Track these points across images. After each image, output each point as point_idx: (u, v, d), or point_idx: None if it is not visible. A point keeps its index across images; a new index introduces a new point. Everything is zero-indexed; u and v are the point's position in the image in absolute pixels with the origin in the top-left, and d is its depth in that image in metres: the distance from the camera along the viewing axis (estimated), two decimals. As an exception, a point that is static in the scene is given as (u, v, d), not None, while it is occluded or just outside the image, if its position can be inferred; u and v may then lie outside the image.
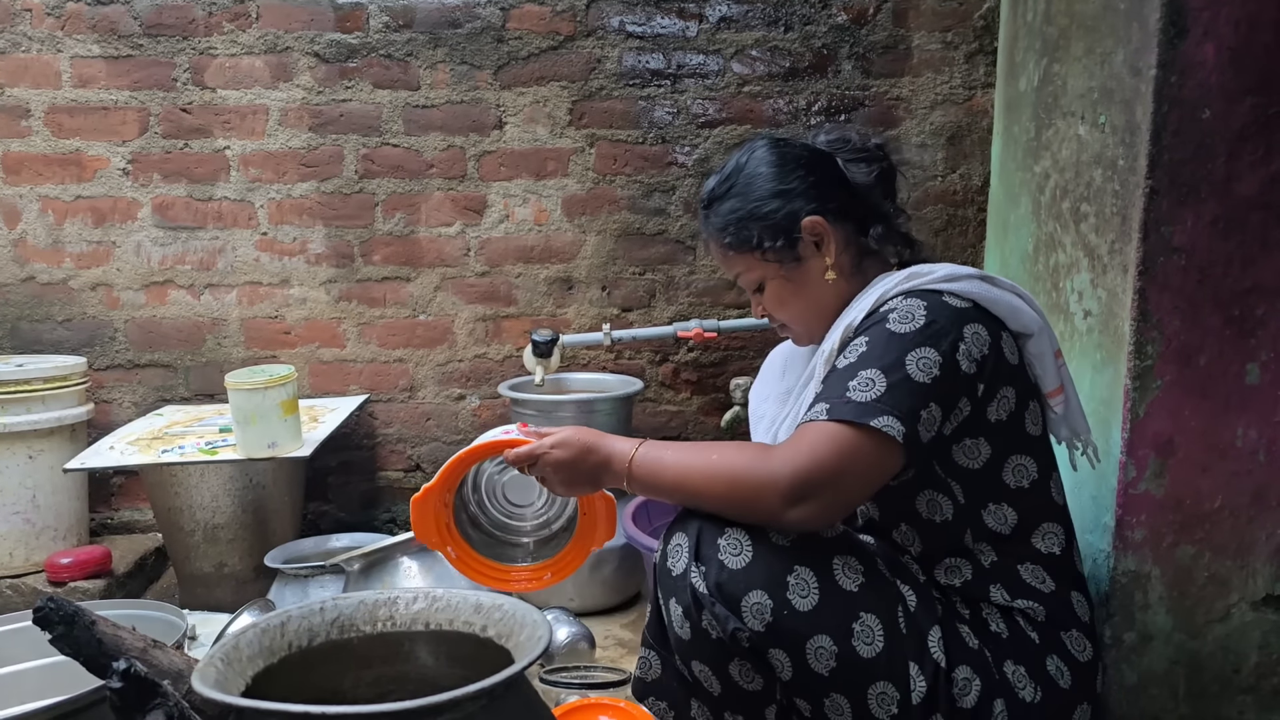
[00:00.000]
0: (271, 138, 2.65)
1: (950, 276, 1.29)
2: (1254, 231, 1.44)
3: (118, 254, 2.68)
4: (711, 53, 2.65)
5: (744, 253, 1.42)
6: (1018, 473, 1.30)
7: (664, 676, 1.34)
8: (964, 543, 1.31)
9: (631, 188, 2.70)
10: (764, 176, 1.41)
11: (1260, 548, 1.53)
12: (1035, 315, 1.33)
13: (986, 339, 1.26)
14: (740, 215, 1.41)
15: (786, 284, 1.42)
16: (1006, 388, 1.28)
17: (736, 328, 2.52)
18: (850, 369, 1.24)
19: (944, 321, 1.24)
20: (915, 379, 1.20)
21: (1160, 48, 1.42)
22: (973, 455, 1.29)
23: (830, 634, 1.19)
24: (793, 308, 1.44)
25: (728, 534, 1.23)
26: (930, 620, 1.24)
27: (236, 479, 2.30)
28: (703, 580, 1.22)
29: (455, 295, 2.74)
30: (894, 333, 1.24)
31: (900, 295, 1.29)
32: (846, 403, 1.20)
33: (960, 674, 1.22)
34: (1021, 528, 1.31)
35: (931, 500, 1.31)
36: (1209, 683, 1.57)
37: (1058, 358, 1.36)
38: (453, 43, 2.62)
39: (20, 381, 2.33)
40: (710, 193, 1.46)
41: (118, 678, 1.00)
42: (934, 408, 1.21)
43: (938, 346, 1.22)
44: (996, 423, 1.28)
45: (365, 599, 1.24)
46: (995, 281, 1.32)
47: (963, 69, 2.66)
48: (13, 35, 2.58)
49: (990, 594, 1.30)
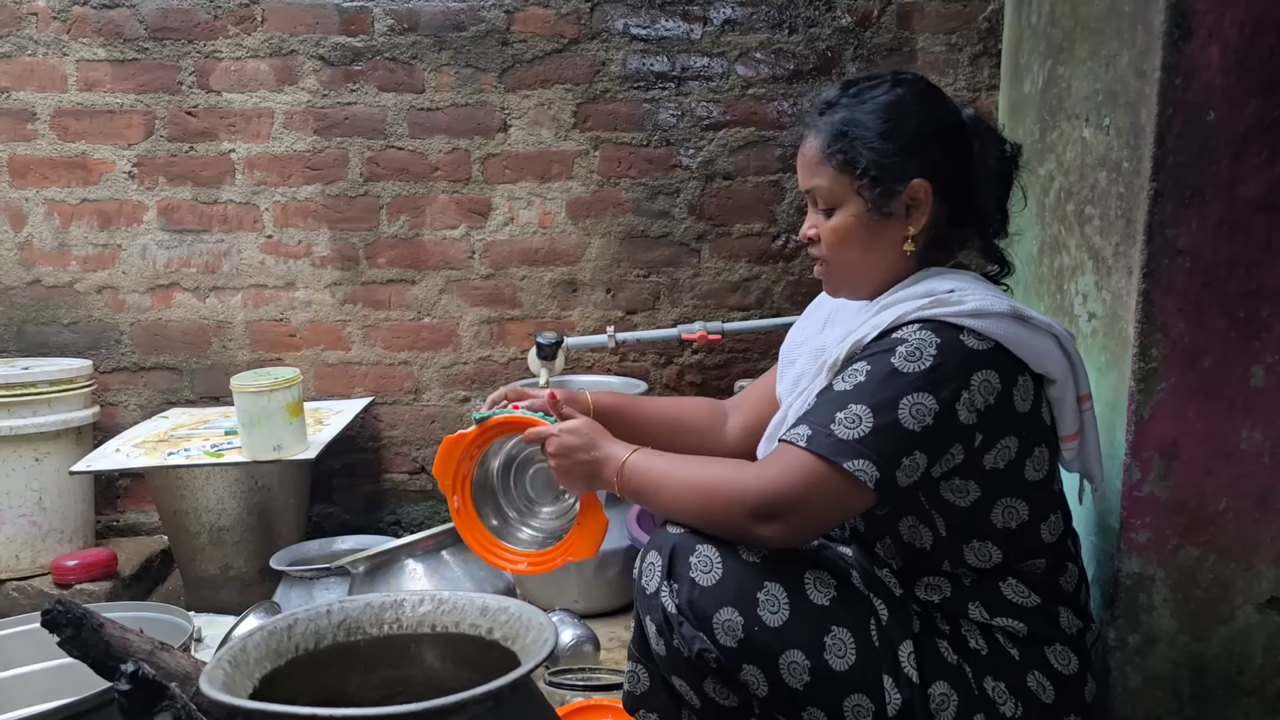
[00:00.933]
0: (277, 141, 2.66)
1: (979, 312, 1.21)
2: (1259, 234, 1.44)
3: (123, 257, 2.69)
4: (716, 55, 2.66)
5: (841, 172, 1.31)
6: (1007, 515, 1.27)
7: (653, 688, 1.33)
8: (943, 568, 1.31)
9: (636, 190, 2.70)
10: (905, 115, 1.31)
11: (1265, 550, 1.53)
12: (1063, 361, 1.27)
13: (996, 388, 1.21)
14: (862, 135, 1.29)
15: (858, 227, 1.32)
16: (1009, 437, 1.24)
17: (740, 330, 2.52)
18: (843, 397, 1.20)
19: (951, 366, 1.19)
20: (904, 425, 1.17)
21: (1165, 50, 1.42)
22: (960, 494, 1.26)
23: (802, 648, 1.19)
24: (848, 252, 1.34)
25: (699, 551, 1.22)
26: (903, 634, 1.23)
27: (242, 481, 2.30)
28: (673, 598, 1.22)
29: (460, 298, 2.74)
30: (896, 370, 1.19)
31: (918, 323, 1.22)
32: (828, 435, 1.18)
33: (937, 689, 1.22)
34: (1005, 563, 1.29)
35: (913, 528, 1.30)
36: (1213, 685, 1.56)
37: (1083, 402, 1.32)
38: (457, 45, 2.63)
39: (26, 384, 2.34)
40: (841, 94, 1.35)
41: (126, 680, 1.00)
42: (919, 455, 1.18)
43: (937, 394, 1.18)
44: (992, 470, 1.25)
45: (372, 601, 1.25)
46: (1030, 321, 1.25)
47: (967, 71, 2.66)
48: (18, 39, 2.59)
49: (969, 611, 1.28)
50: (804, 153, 1.36)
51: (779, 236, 2.72)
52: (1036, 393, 1.27)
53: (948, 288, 1.28)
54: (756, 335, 2.69)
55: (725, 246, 2.72)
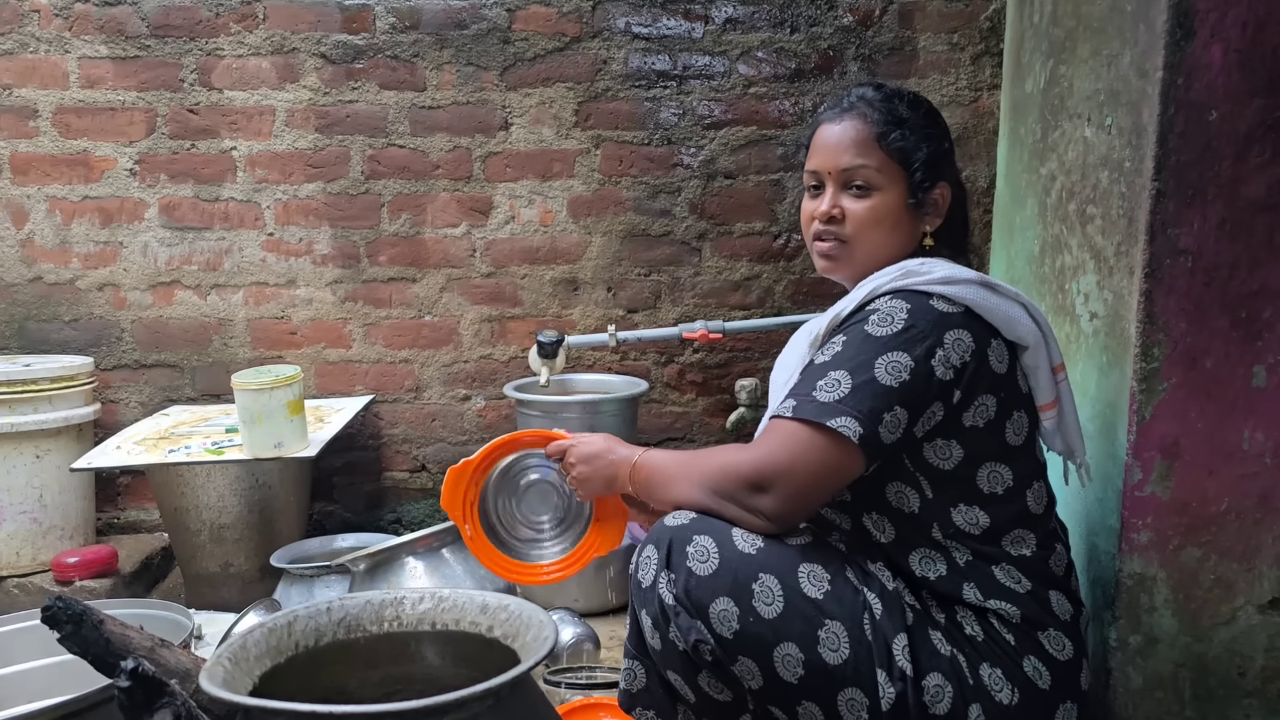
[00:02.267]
0: (278, 138, 2.66)
1: (947, 279, 1.29)
2: (1261, 234, 1.44)
3: (125, 254, 2.69)
4: (717, 54, 2.65)
5: (892, 159, 1.39)
6: (992, 479, 1.31)
7: (649, 685, 1.34)
8: (933, 536, 1.32)
9: (637, 189, 2.70)
10: (941, 127, 1.45)
11: (1266, 551, 1.52)
12: (1034, 328, 1.33)
13: (970, 345, 1.26)
14: (915, 131, 1.39)
15: (893, 213, 1.40)
16: (987, 395, 1.28)
17: (741, 329, 2.52)
18: (823, 367, 1.27)
19: (924, 326, 1.25)
20: (881, 382, 1.22)
21: (1167, 49, 1.42)
22: (944, 456, 1.30)
23: (796, 641, 1.21)
24: (876, 234, 1.40)
25: (696, 542, 1.24)
26: (896, 627, 1.24)
27: (243, 479, 2.30)
28: (670, 589, 1.23)
29: (461, 296, 2.74)
30: (870, 335, 1.26)
31: (889, 294, 1.30)
32: (811, 401, 1.24)
33: (931, 681, 1.22)
34: (992, 530, 1.31)
35: (900, 492, 1.32)
36: (1215, 686, 1.56)
37: (1057, 372, 1.36)
38: (459, 44, 2.63)
39: (27, 381, 2.34)
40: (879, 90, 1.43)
41: (126, 676, 1.00)
42: (899, 411, 1.23)
43: (911, 351, 1.24)
44: (972, 428, 1.29)
45: (372, 599, 1.25)
46: (997, 289, 1.31)
47: (969, 70, 2.65)
48: (21, 36, 2.59)
49: (964, 592, 1.29)
50: (845, 133, 1.41)
51: (780, 235, 2.72)
52: (1011, 359, 1.32)
53: (918, 262, 1.35)
54: (757, 334, 2.69)
55: (726, 245, 2.72)
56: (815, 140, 1.45)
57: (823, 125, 1.44)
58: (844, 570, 1.28)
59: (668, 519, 1.30)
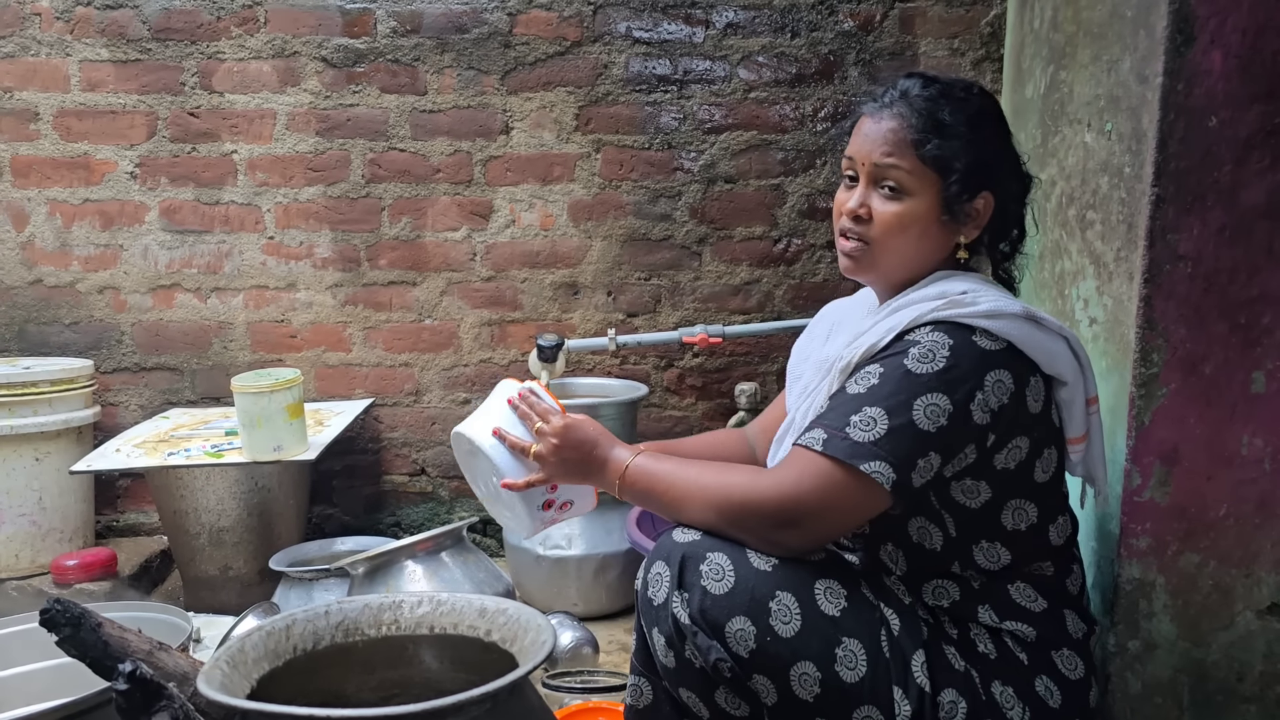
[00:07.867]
0: (279, 142, 2.66)
1: (992, 313, 1.23)
2: (1260, 240, 1.44)
3: (125, 257, 2.69)
4: (718, 59, 2.66)
5: (928, 165, 1.29)
6: (1017, 516, 1.28)
7: (656, 702, 1.32)
8: (951, 570, 1.30)
9: (637, 193, 2.70)
10: (992, 131, 1.34)
11: (1265, 556, 1.52)
12: (1073, 363, 1.29)
13: (1009, 388, 1.22)
14: (956, 137, 1.29)
15: (923, 221, 1.31)
16: (1021, 438, 1.25)
17: (741, 333, 2.52)
18: (857, 400, 1.21)
19: (966, 367, 1.20)
20: (919, 426, 1.17)
21: (1167, 55, 1.42)
22: (971, 495, 1.27)
23: (814, 660, 1.18)
24: (902, 240, 1.32)
25: (709, 559, 1.21)
26: (914, 644, 1.22)
27: (242, 482, 2.30)
28: (685, 608, 1.20)
29: (461, 300, 2.74)
30: (910, 371, 1.20)
31: (931, 325, 1.24)
32: (844, 439, 1.18)
33: (946, 697, 1.21)
34: (1013, 565, 1.30)
35: (923, 528, 1.30)
36: (1213, 691, 1.56)
37: (1090, 404, 1.33)
38: (460, 48, 2.63)
39: (27, 384, 2.34)
40: (924, 87, 1.32)
41: (124, 680, 1.00)
42: (933, 456, 1.19)
43: (952, 395, 1.18)
44: (1003, 470, 1.26)
45: (370, 603, 1.25)
46: (1042, 323, 1.26)
47: (969, 76, 2.66)
48: (22, 39, 2.59)
49: (978, 615, 1.28)
50: (881, 131, 1.32)
51: (780, 240, 2.72)
52: (1047, 394, 1.28)
53: (960, 289, 1.28)
54: (757, 339, 2.69)
55: (726, 250, 2.73)
56: (856, 129, 1.37)
57: (863, 117, 1.36)
58: (859, 586, 1.26)
59: (676, 534, 1.26)
